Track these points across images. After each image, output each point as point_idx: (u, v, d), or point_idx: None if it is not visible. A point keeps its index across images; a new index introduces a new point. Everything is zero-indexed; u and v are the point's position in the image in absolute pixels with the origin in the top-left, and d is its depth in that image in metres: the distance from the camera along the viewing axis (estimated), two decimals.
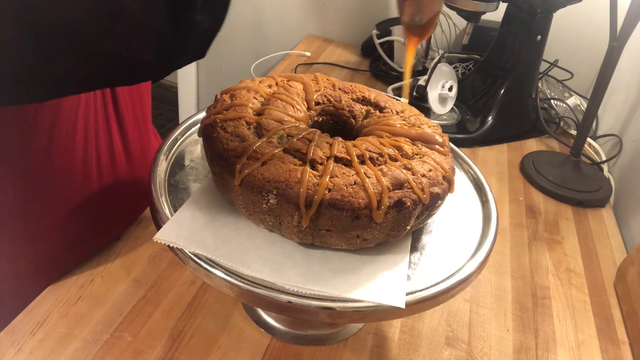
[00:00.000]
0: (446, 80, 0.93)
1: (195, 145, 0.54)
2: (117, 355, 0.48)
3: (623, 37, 0.77)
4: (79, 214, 0.54)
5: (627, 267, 0.68)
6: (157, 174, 0.47)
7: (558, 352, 0.58)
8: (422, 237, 0.47)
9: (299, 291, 0.38)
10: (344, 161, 0.41)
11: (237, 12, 1.48)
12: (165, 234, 0.40)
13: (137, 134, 0.60)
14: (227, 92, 0.48)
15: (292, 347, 0.52)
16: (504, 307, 0.62)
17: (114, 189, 0.58)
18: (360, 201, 0.39)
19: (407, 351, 0.54)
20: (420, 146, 0.46)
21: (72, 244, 0.56)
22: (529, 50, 0.95)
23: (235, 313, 0.54)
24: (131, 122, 0.58)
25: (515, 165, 0.93)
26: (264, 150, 0.41)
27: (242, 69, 1.52)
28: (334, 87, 0.52)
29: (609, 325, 0.63)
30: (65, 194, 0.53)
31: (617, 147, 0.97)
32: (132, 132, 0.59)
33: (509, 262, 0.70)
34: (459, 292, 0.42)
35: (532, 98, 1.01)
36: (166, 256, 0.59)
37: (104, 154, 0.55)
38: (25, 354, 0.47)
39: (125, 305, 0.53)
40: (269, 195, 0.39)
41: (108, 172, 0.56)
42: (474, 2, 0.86)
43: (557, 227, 0.79)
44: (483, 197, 0.52)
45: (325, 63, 1.24)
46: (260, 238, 0.42)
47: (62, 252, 0.55)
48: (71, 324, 0.51)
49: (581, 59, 1.17)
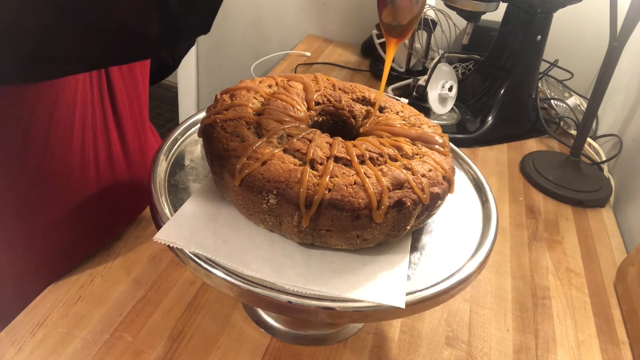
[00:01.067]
0: (446, 80, 0.93)
1: (195, 145, 0.54)
2: (117, 355, 0.48)
3: (623, 37, 0.77)
4: (77, 213, 0.54)
5: (627, 267, 0.68)
6: (157, 174, 0.47)
7: (558, 352, 0.58)
8: (422, 237, 0.47)
9: (299, 291, 0.38)
10: (344, 161, 0.41)
11: (237, 12, 1.48)
12: (165, 234, 0.40)
13: (135, 133, 0.60)
14: (227, 92, 0.48)
15: (292, 347, 0.52)
16: (504, 307, 0.62)
17: (112, 188, 0.57)
18: (360, 201, 0.39)
19: (407, 351, 0.54)
20: (420, 146, 0.46)
21: (71, 244, 0.56)
22: (529, 50, 0.95)
23: (235, 313, 0.54)
24: (129, 121, 0.58)
25: (515, 165, 0.93)
26: (264, 150, 0.41)
27: (242, 69, 1.52)
28: (334, 87, 0.52)
29: (609, 325, 0.63)
30: (63, 193, 0.53)
31: (617, 147, 0.97)
32: (130, 131, 0.59)
33: (509, 262, 0.70)
34: (459, 292, 0.42)
35: (532, 98, 1.01)
36: (166, 256, 0.59)
37: (102, 152, 0.55)
38: (25, 354, 0.47)
39: (125, 305, 0.53)
40: (269, 195, 0.39)
41: (106, 171, 0.56)
42: (474, 2, 0.86)
43: (557, 227, 0.79)
44: (483, 197, 0.52)
45: (325, 63, 1.24)
46: (260, 238, 0.42)
47: (61, 252, 0.55)
48: (71, 324, 0.51)
49: (581, 59, 1.17)
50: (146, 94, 0.63)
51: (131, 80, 0.58)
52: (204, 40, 1.57)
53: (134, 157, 0.60)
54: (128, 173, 0.60)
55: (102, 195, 0.56)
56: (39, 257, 0.53)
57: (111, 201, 0.58)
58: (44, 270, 0.54)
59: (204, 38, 1.56)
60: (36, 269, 0.53)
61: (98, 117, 0.54)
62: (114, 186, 0.58)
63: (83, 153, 0.52)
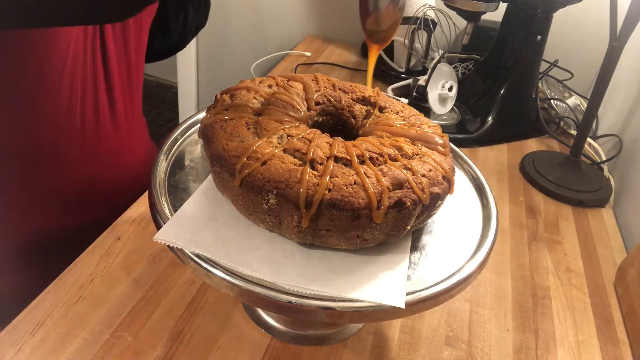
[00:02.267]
0: (446, 80, 0.93)
1: (195, 145, 0.54)
2: (117, 355, 0.48)
3: (623, 37, 0.77)
4: (66, 167, 0.59)
5: (627, 267, 0.68)
6: (157, 174, 0.47)
7: (558, 352, 0.58)
8: (422, 237, 0.47)
9: (299, 291, 0.38)
10: (344, 161, 0.41)
11: (237, 12, 1.48)
12: (165, 234, 0.40)
13: (124, 104, 0.64)
14: (227, 92, 0.48)
15: (292, 347, 0.52)
16: (504, 307, 0.62)
17: (96, 154, 0.61)
18: (360, 201, 0.39)
19: (407, 351, 0.54)
20: (420, 146, 0.46)
21: (60, 212, 0.59)
22: (529, 50, 0.95)
23: (235, 313, 0.54)
24: (119, 89, 0.62)
25: (515, 165, 0.93)
26: (264, 150, 0.41)
27: (242, 69, 1.52)
28: (334, 87, 0.52)
29: (609, 325, 0.63)
30: (50, 143, 0.56)
31: (617, 147, 0.97)
32: (120, 100, 0.62)
33: (509, 262, 0.70)
34: (459, 292, 0.42)
35: (532, 98, 1.01)
36: (166, 256, 0.59)
37: (89, 112, 0.58)
38: (25, 354, 0.47)
39: (125, 305, 0.53)
40: (269, 195, 0.39)
41: (92, 131, 0.59)
42: (474, 2, 0.86)
43: (557, 227, 0.79)
44: (483, 197, 0.52)
45: (325, 63, 1.24)
46: (260, 238, 0.42)
47: (50, 223, 0.59)
48: (71, 324, 0.51)
49: (581, 59, 1.17)
50: (140, 71, 0.66)
51: (124, 49, 0.61)
52: (204, 40, 1.57)
53: (123, 128, 0.63)
54: (115, 141, 0.63)
55: (87, 156, 0.60)
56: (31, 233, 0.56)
57: (96, 165, 0.61)
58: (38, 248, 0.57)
59: (204, 38, 1.57)
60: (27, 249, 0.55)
61: (89, 76, 0.57)
62: (98, 152, 0.61)
63: (70, 108, 0.56)
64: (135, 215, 0.65)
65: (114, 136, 0.63)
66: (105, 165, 0.63)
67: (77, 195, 0.61)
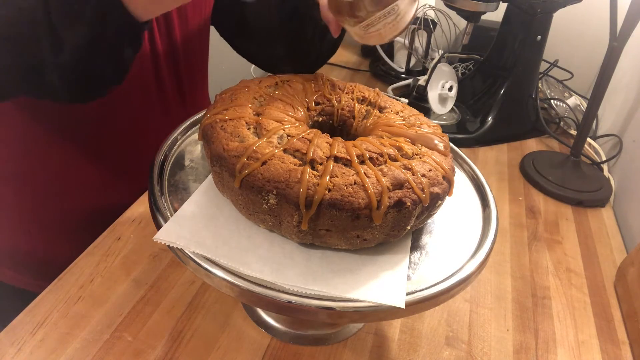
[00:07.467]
0: (446, 80, 0.93)
1: (195, 145, 0.54)
2: (117, 355, 0.48)
3: (623, 37, 0.77)
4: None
5: (627, 267, 0.68)
6: (157, 173, 0.47)
7: (558, 352, 0.58)
8: (422, 237, 0.47)
9: (299, 291, 0.38)
10: (344, 161, 0.41)
11: None
12: (165, 234, 0.40)
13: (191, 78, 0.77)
14: (227, 92, 0.48)
15: (292, 347, 0.52)
16: (504, 307, 0.62)
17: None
18: (360, 201, 0.39)
19: (407, 351, 0.54)
20: (420, 146, 0.46)
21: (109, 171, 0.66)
22: (529, 50, 0.95)
23: (235, 313, 0.55)
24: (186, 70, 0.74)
25: (515, 165, 0.93)
26: (263, 150, 0.41)
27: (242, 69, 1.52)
28: (334, 87, 0.52)
29: (609, 325, 0.63)
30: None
31: (617, 147, 0.97)
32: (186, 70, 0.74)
33: (509, 262, 0.70)
34: (459, 292, 0.42)
35: (532, 98, 1.01)
36: (166, 256, 0.59)
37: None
38: (25, 354, 0.47)
39: (125, 305, 0.53)
40: (269, 195, 0.39)
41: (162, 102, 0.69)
42: (474, 2, 0.86)
43: (557, 227, 0.79)
44: (483, 197, 0.52)
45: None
46: (260, 238, 0.42)
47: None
48: (71, 324, 0.51)
49: (581, 59, 1.17)
50: (205, 64, 0.86)
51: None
52: None
53: (189, 99, 0.74)
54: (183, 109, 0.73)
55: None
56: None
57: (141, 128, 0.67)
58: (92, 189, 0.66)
59: None
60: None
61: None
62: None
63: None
64: (135, 215, 0.65)
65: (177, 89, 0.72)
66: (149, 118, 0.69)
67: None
